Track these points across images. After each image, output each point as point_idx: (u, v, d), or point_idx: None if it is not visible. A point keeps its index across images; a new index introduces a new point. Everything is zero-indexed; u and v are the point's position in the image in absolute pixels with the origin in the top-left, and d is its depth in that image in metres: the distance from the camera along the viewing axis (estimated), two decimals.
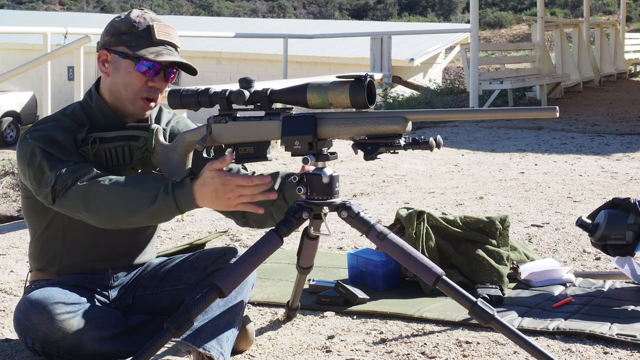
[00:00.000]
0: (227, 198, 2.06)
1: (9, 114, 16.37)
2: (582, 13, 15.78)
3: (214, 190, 2.06)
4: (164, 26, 2.28)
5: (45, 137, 2.19)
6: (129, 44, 2.24)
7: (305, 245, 2.38)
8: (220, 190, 2.06)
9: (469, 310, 2.06)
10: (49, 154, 2.17)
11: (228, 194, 2.06)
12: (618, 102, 11.32)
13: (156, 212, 2.09)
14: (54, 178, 2.13)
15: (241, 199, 2.07)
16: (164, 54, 2.24)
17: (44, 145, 2.17)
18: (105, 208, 2.10)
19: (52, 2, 50.61)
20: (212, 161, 2.08)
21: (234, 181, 2.05)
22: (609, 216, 2.92)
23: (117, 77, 2.26)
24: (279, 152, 6.33)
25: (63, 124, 2.25)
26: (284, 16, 46.06)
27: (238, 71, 18.32)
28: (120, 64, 2.26)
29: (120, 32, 2.26)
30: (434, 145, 2.06)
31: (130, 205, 2.08)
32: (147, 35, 2.25)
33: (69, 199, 2.12)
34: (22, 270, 3.36)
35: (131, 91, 2.26)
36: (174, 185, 2.09)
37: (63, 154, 2.17)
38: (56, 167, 2.14)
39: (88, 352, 2.17)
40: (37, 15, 28.11)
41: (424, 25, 30.15)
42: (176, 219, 4.37)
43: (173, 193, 2.07)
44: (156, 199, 2.07)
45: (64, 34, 6.66)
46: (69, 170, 2.13)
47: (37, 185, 2.18)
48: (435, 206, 4.60)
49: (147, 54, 2.23)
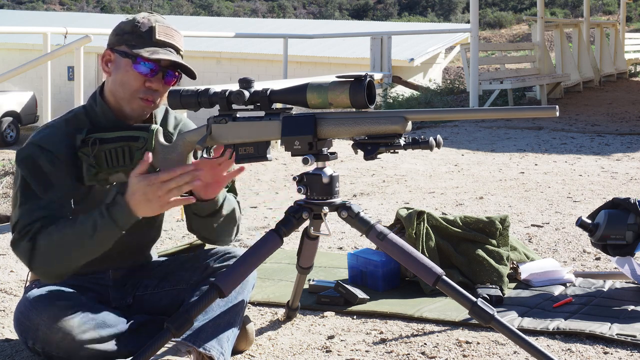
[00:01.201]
0: (157, 197, 2.08)
1: (9, 114, 16.36)
2: (582, 13, 15.78)
3: (143, 194, 2.08)
4: (167, 28, 2.28)
5: (29, 163, 2.19)
6: (129, 43, 2.24)
7: (305, 245, 2.38)
8: (149, 193, 2.07)
9: (469, 310, 2.06)
10: (26, 186, 2.18)
11: (157, 192, 2.07)
12: (618, 102, 11.32)
13: (100, 239, 2.12)
14: (16, 218, 2.17)
15: (170, 193, 2.08)
16: (160, 53, 2.23)
17: (26, 174, 2.18)
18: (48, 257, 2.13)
19: (52, 2, 50.61)
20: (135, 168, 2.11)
21: (158, 178, 2.07)
22: (609, 216, 2.92)
23: (117, 76, 2.26)
24: (279, 152, 6.33)
25: (62, 136, 2.24)
26: (284, 16, 46.06)
27: (238, 71, 18.31)
28: (120, 63, 2.26)
29: (124, 32, 2.26)
30: (434, 145, 2.06)
31: (71, 244, 2.11)
32: (147, 36, 2.25)
33: (18, 250, 2.18)
34: (22, 270, 3.36)
35: (128, 90, 2.25)
36: (107, 206, 2.12)
37: (42, 187, 2.18)
38: (24, 205, 2.17)
39: (88, 353, 2.16)
40: (37, 15, 28.10)
41: (424, 25, 30.16)
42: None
43: (108, 214, 2.10)
44: (95, 226, 2.11)
45: (64, 34, 6.67)
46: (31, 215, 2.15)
47: (12, 210, 2.23)
48: (435, 206, 4.60)
49: (143, 52, 2.22)
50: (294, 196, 4.75)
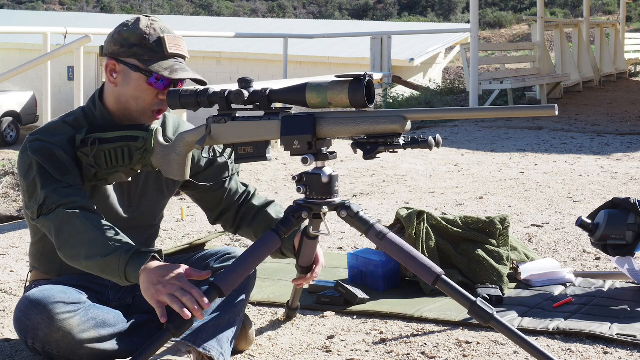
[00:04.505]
0: (162, 287, 2.00)
1: (9, 114, 16.37)
2: (582, 13, 15.77)
3: (160, 276, 2.01)
4: (175, 38, 2.27)
5: (44, 151, 2.19)
6: (141, 57, 2.23)
7: (304, 244, 2.38)
8: (165, 277, 2.01)
9: (468, 309, 2.06)
10: (44, 171, 2.17)
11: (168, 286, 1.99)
12: (618, 102, 11.32)
13: (106, 266, 2.07)
14: (43, 197, 2.15)
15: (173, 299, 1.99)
16: (178, 70, 2.23)
17: (42, 160, 2.18)
18: (71, 242, 2.11)
19: (52, 2, 50.61)
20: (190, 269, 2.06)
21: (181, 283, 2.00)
22: (609, 216, 2.92)
23: (127, 90, 2.25)
24: (278, 152, 6.33)
25: (64, 134, 2.24)
26: (284, 16, 46.05)
27: (238, 71, 18.31)
28: (130, 76, 2.24)
29: (131, 44, 2.23)
30: (433, 145, 2.06)
31: (91, 247, 2.08)
32: (159, 49, 2.24)
33: (49, 220, 2.14)
34: (22, 270, 3.36)
35: (142, 104, 2.25)
36: (136, 250, 2.07)
37: (58, 172, 2.17)
38: (48, 186, 2.15)
39: (88, 352, 2.16)
40: (37, 15, 28.10)
41: (424, 25, 30.16)
42: (176, 219, 4.36)
43: (129, 255, 2.05)
44: (112, 252, 2.06)
45: (64, 34, 6.67)
46: (58, 193, 2.14)
47: (28, 199, 2.20)
48: (435, 206, 4.60)
49: (160, 69, 2.21)
50: (293, 196, 4.75)
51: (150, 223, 2.46)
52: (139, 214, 2.40)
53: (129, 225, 2.35)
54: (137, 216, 2.39)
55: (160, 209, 2.49)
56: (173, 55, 2.25)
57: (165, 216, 2.58)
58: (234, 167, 2.50)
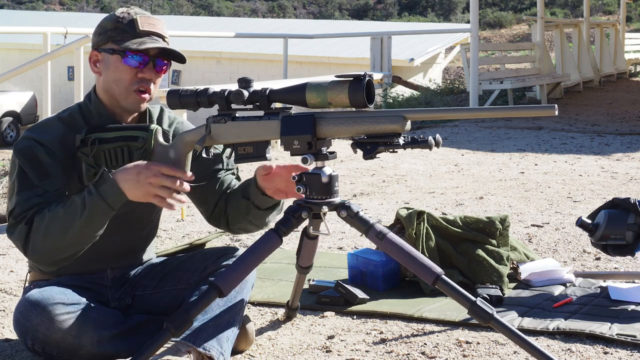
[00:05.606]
0: (147, 183, 2.07)
1: (9, 114, 16.36)
2: (582, 13, 15.77)
3: (137, 173, 2.08)
4: (149, 18, 2.30)
5: (27, 153, 2.20)
6: (115, 39, 2.26)
7: (304, 244, 2.38)
8: (142, 173, 2.07)
9: (468, 309, 2.06)
10: (24, 174, 2.19)
11: (150, 179, 2.07)
12: (618, 102, 11.32)
13: (90, 218, 2.10)
14: (14, 204, 2.17)
15: (161, 189, 2.07)
16: (148, 43, 2.25)
17: (23, 162, 2.20)
18: (42, 239, 2.12)
19: (52, 2, 50.61)
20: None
21: (159, 167, 2.08)
22: (609, 216, 2.92)
23: (108, 74, 2.28)
24: (278, 151, 6.33)
25: (55, 132, 2.25)
26: (284, 16, 46.05)
27: (238, 71, 18.30)
28: (109, 61, 2.27)
29: (107, 30, 2.28)
30: (433, 144, 2.06)
31: (63, 223, 2.11)
32: (131, 28, 2.26)
33: (14, 235, 2.17)
34: (22, 270, 3.36)
35: (122, 85, 2.26)
36: (94, 184, 2.11)
37: (38, 176, 2.19)
38: (21, 192, 2.17)
39: (88, 353, 2.16)
40: (37, 15, 28.11)
41: (424, 25, 30.16)
42: (176, 219, 4.36)
43: (97, 190, 2.09)
44: (84, 204, 2.10)
45: (64, 34, 6.67)
46: (29, 202, 2.16)
47: (7, 199, 2.23)
48: (435, 206, 4.60)
49: (130, 45, 2.24)
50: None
51: (147, 220, 2.45)
52: (136, 210, 2.37)
53: (125, 222, 2.34)
54: (133, 212, 2.37)
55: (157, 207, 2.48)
56: (148, 33, 2.27)
57: (165, 216, 2.58)
58: (230, 162, 2.46)
